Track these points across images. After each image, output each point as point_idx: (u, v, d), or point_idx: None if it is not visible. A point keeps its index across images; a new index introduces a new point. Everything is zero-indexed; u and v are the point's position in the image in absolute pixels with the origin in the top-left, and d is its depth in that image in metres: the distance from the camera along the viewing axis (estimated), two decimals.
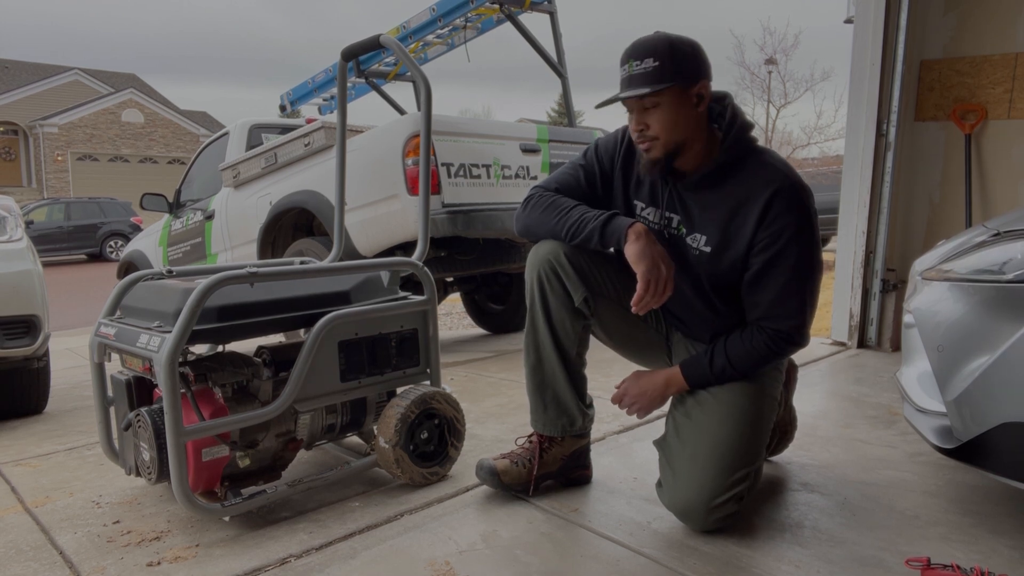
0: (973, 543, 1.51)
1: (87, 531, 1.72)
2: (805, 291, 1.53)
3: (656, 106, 1.48)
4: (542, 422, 1.79)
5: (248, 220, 4.06)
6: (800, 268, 1.51)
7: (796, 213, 1.49)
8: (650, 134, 1.50)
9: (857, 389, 2.78)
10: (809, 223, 1.50)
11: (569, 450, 1.82)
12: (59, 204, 17.25)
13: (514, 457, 1.80)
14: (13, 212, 2.95)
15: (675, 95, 1.47)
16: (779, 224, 1.48)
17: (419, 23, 4.46)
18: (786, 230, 1.48)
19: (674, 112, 1.48)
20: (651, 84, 1.44)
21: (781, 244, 1.49)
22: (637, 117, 1.51)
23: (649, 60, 1.44)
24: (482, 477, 1.79)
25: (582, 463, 1.86)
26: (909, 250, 3.50)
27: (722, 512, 1.53)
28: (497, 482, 1.77)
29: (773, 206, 1.48)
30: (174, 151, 27.16)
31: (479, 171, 3.46)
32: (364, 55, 2.93)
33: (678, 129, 1.49)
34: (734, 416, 1.57)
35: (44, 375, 3.05)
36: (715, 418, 1.57)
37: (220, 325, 1.66)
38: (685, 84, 1.46)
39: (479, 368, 3.46)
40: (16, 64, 27.94)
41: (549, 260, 1.65)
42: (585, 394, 1.81)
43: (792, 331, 1.55)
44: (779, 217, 1.48)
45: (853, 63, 3.47)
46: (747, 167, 1.53)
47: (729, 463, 1.53)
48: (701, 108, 1.50)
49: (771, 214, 1.48)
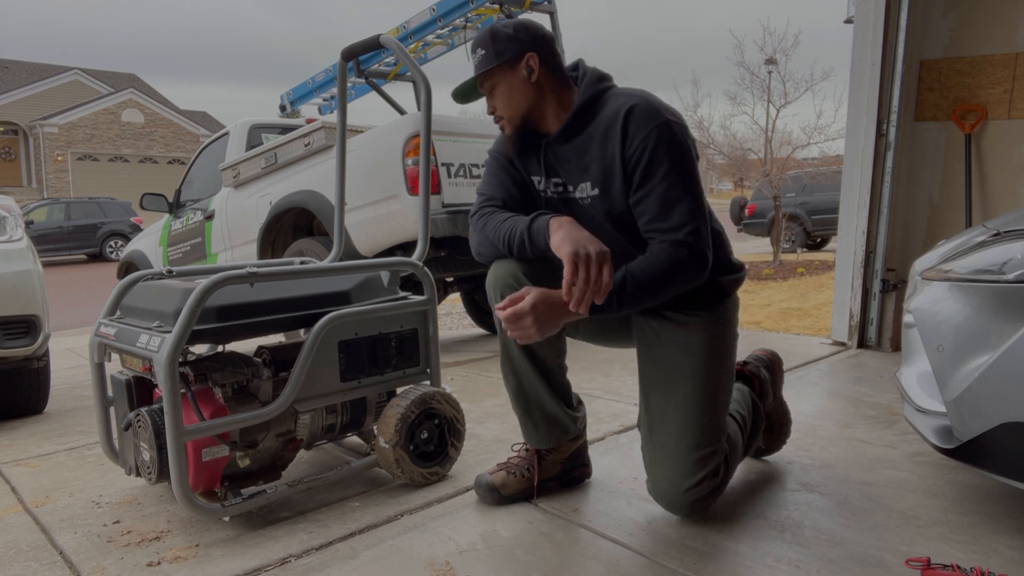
0: (973, 543, 1.51)
1: (87, 531, 1.72)
2: (686, 195, 1.49)
3: (494, 88, 1.62)
4: (535, 438, 1.79)
5: (248, 220, 4.06)
6: (675, 173, 1.48)
7: (654, 122, 1.48)
8: (499, 114, 1.64)
9: (857, 389, 2.78)
10: (670, 130, 1.49)
11: (567, 453, 1.82)
12: (59, 204, 17.25)
13: (511, 468, 1.80)
14: (13, 212, 2.95)
15: (504, 74, 1.60)
16: (640, 136, 1.48)
17: (419, 23, 4.45)
18: (649, 140, 1.48)
19: (508, 88, 1.60)
20: (480, 69, 1.61)
21: (648, 154, 1.48)
22: (488, 103, 1.65)
23: (479, 50, 1.61)
24: (482, 495, 1.78)
25: (581, 461, 1.87)
26: (909, 250, 3.50)
27: (698, 493, 1.56)
28: (498, 497, 1.76)
29: (630, 123, 1.49)
30: (174, 151, 27.17)
31: (479, 171, 3.46)
32: (364, 55, 2.93)
33: (515, 102, 1.61)
34: (690, 397, 1.58)
35: (44, 375, 3.06)
36: (672, 403, 1.59)
37: (220, 325, 1.66)
38: (511, 62, 1.59)
39: (479, 368, 3.46)
40: (16, 64, 27.95)
41: (507, 280, 1.62)
42: (571, 398, 1.81)
43: (686, 238, 1.47)
44: (639, 130, 1.49)
45: (853, 63, 3.47)
46: (604, 104, 1.58)
47: (692, 444, 1.56)
48: (534, 78, 1.59)
49: (630, 131, 1.49)
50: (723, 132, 10.78)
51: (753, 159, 10.74)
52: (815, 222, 12.18)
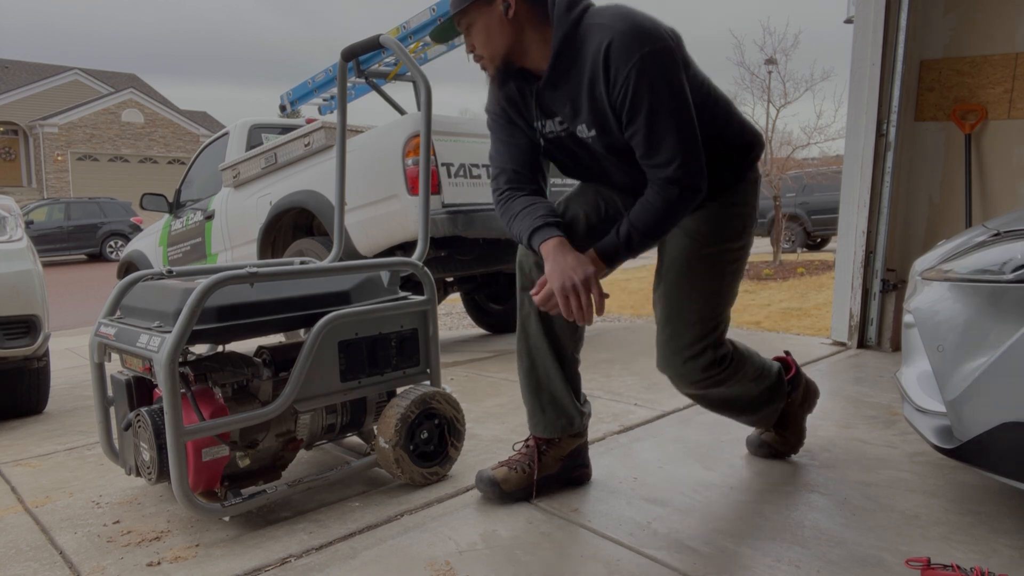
0: (973, 543, 1.51)
1: (87, 531, 1.72)
2: (671, 129, 1.47)
3: (471, 26, 1.57)
4: (541, 425, 1.79)
5: (248, 220, 4.06)
6: (658, 109, 1.46)
7: (633, 58, 1.43)
8: (478, 53, 1.59)
9: (857, 389, 2.78)
10: (651, 60, 1.44)
11: (567, 450, 1.82)
12: (59, 204, 17.25)
13: (512, 464, 1.80)
14: (13, 212, 2.95)
15: (480, 11, 1.54)
16: (622, 77, 1.45)
17: (419, 23, 4.45)
18: (630, 79, 1.45)
19: (486, 26, 1.55)
20: (457, 7, 1.56)
21: (631, 94, 1.46)
22: (466, 43, 1.60)
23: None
24: (483, 489, 1.79)
25: (581, 462, 1.87)
26: (909, 250, 3.50)
27: (698, 362, 1.67)
28: (498, 492, 1.76)
29: (610, 63, 1.46)
30: (174, 151, 27.17)
31: (479, 171, 3.46)
32: (364, 55, 2.93)
33: (495, 40, 1.56)
34: (695, 284, 1.67)
35: (44, 375, 3.06)
36: (678, 290, 1.69)
37: (220, 325, 1.66)
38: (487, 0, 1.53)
39: (479, 368, 3.46)
40: (16, 64, 27.94)
41: (528, 267, 1.72)
42: (580, 393, 1.83)
43: (675, 174, 1.49)
44: (619, 71, 1.45)
45: (853, 63, 3.47)
46: (583, 39, 1.52)
47: (693, 318, 1.67)
48: (511, 13, 1.53)
49: (611, 72, 1.47)
50: None
51: None
52: (815, 222, 12.18)
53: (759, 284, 8.00)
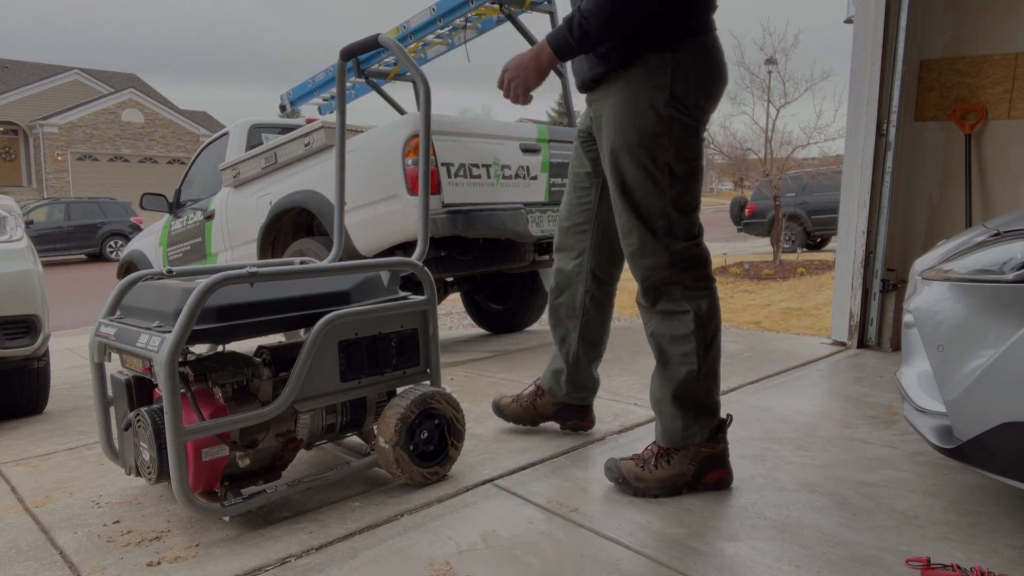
0: (973, 543, 1.51)
1: (87, 531, 1.72)
2: None
3: None
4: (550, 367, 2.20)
5: (248, 220, 4.06)
6: None
7: None
8: None
9: (857, 389, 2.78)
10: None
11: (559, 405, 2.20)
12: (59, 204, 17.25)
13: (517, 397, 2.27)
14: (13, 212, 2.95)
15: None
16: None
17: (419, 23, 4.45)
18: None
19: None
20: None
21: None
22: None
23: None
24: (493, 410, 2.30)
25: (576, 415, 2.23)
26: (909, 250, 3.50)
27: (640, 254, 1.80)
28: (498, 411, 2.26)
29: None
30: (174, 151, 27.17)
31: (479, 171, 3.46)
32: (364, 55, 2.93)
33: None
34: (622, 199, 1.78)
35: (44, 375, 3.06)
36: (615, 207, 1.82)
37: (220, 325, 1.66)
38: None
39: (479, 368, 3.46)
40: (16, 64, 27.95)
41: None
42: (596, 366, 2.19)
43: None
44: None
45: (853, 63, 3.47)
46: None
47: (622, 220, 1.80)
48: None
49: None
50: (723, 132, 10.81)
51: (753, 159, 10.75)
52: (815, 222, 12.19)
53: (759, 284, 8.00)
